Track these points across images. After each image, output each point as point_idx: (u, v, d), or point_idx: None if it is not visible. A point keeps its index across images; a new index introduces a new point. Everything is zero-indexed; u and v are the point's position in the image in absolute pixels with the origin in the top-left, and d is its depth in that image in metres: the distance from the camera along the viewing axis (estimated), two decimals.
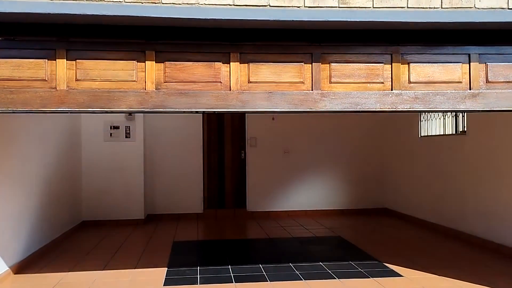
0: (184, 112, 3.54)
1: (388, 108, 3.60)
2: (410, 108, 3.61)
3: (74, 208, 7.39)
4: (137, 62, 3.43)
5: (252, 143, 8.68)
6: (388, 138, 8.81)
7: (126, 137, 7.93)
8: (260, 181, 8.68)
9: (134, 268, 5.05)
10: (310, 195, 8.77)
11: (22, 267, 5.13)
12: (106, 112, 3.46)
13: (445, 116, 6.95)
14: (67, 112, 3.47)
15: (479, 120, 6.02)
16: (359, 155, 8.90)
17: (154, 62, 3.45)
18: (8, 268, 4.85)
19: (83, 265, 5.28)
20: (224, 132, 8.68)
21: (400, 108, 3.61)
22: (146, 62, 3.44)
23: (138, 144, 7.96)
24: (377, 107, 3.58)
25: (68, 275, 4.89)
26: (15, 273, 4.95)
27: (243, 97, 3.50)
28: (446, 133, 6.92)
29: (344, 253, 5.62)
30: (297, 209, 8.74)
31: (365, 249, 5.78)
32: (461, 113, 6.54)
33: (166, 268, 5.02)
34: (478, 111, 3.72)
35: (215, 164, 8.66)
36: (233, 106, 3.50)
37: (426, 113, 7.43)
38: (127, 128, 7.93)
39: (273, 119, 8.02)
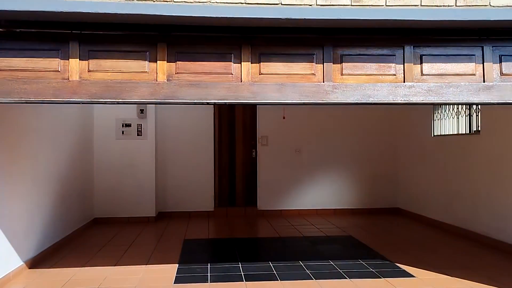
0: (195, 103, 3.55)
1: (401, 100, 3.57)
2: (423, 100, 3.58)
3: (86, 206, 7.45)
4: (149, 54, 3.47)
5: (263, 141, 8.67)
6: (401, 137, 8.74)
7: (138, 135, 7.97)
8: (271, 179, 8.67)
9: (145, 265, 5.07)
10: (321, 194, 8.74)
11: (36, 262, 5.22)
12: (118, 103, 3.49)
13: (458, 115, 6.87)
14: (79, 103, 3.50)
15: (493, 120, 5.94)
16: (371, 154, 8.85)
17: (165, 54, 3.49)
18: (23, 262, 4.95)
19: (94, 261, 5.33)
20: (235, 130, 8.68)
21: (413, 100, 3.57)
22: (158, 54, 3.47)
23: (149, 142, 8.00)
24: (390, 99, 3.56)
25: (80, 271, 4.94)
26: (29, 268, 5.06)
27: (254, 88, 3.50)
28: (460, 133, 6.84)
29: (355, 252, 5.59)
30: (308, 208, 8.71)
31: (376, 248, 5.74)
32: (475, 113, 6.46)
33: (177, 266, 5.04)
34: (493, 103, 3.67)
35: (226, 163, 8.67)
36: (244, 97, 3.50)
37: (439, 107, 7.36)
38: (139, 126, 7.97)
39: (283, 118, 8.00)
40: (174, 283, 4.45)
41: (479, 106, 6.30)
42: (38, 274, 4.88)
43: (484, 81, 3.60)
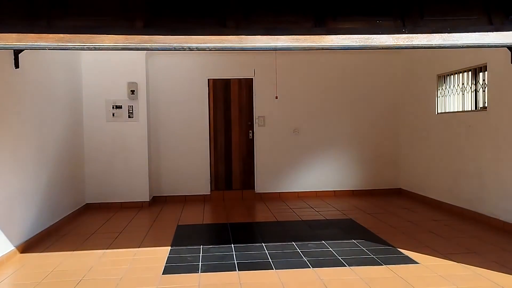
0: (174, 49, 3.20)
1: (402, 43, 3.24)
2: (427, 43, 3.24)
3: (77, 191, 7.19)
4: None
5: (260, 122, 8.35)
6: (403, 115, 8.40)
7: (129, 117, 7.65)
8: (268, 161, 8.37)
9: (134, 255, 4.81)
10: (320, 175, 8.45)
11: (28, 247, 5.14)
12: (89, 48, 3.13)
13: (464, 91, 6.52)
14: (45, 49, 3.17)
15: (501, 95, 5.60)
16: (372, 134, 8.53)
17: None
18: (14, 247, 4.88)
19: (84, 247, 5.11)
20: (231, 111, 8.35)
21: (416, 43, 3.25)
22: None
23: (141, 124, 7.69)
24: (390, 42, 3.21)
25: (67, 258, 4.73)
26: (21, 252, 5.00)
27: (240, 32, 3.13)
28: (465, 110, 6.51)
29: (355, 237, 5.32)
30: (307, 190, 8.44)
31: (378, 233, 5.47)
32: (481, 88, 6.12)
33: (167, 254, 4.78)
34: (502, 45, 3.33)
35: (222, 145, 8.37)
36: (230, 42, 3.15)
37: (444, 83, 7.01)
38: (130, 108, 7.65)
39: (276, 97, 7.69)
40: (162, 273, 4.18)
41: (486, 81, 5.95)
42: (29, 259, 4.77)
43: (491, 24, 3.25)
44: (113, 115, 7.62)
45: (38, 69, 5.69)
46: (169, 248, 5.01)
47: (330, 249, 4.83)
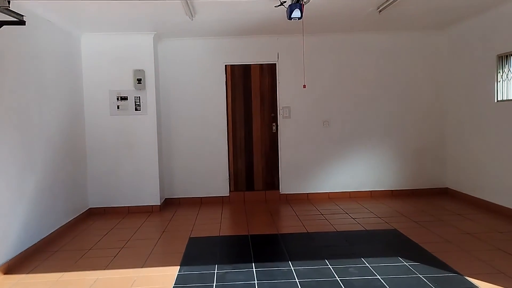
0: None
1: None
2: None
3: (78, 195, 6.33)
4: None
5: (285, 113, 7.32)
6: (451, 103, 7.25)
7: (136, 109, 6.73)
8: (295, 158, 7.36)
9: (133, 282, 3.90)
10: (354, 174, 7.40)
11: (11, 268, 4.34)
12: None
13: None
14: None
15: None
16: (414, 125, 7.41)
17: None
18: None
19: (76, 267, 4.24)
20: (252, 101, 7.36)
21: None
22: None
23: (150, 117, 6.76)
24: None
25: (58, 280, 3.84)
26: (4, 274, 4.20)
27: None
28: None
29: (406, 257, 4.27)
30: (339, 190, 7.40)
31: (433, 251, 4.42)
32: None
33: (175, 277, 3.86)
34: None
35: (242, 140, 7.39)
36: None
37: (507, 63, 5.85)
38: (137, 99, 6.72)
39: (304, 86, 6.62)
40: None
41: None
42: (9, 284, 3.92)
43: None
44: (118, 107, 6.71)
45: (22, 51, 4.79)
46: (177, 271, 4.07)
47: (378, 276, 3.81)
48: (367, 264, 4.10)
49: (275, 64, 7.31)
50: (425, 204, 6.69)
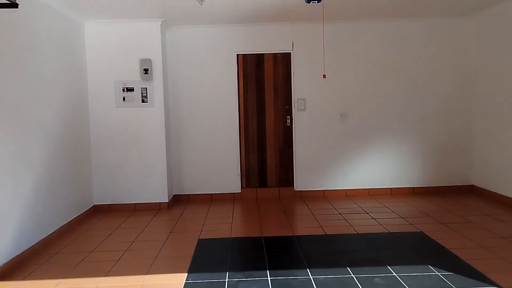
0: None
1: None
2: None
3: (82, 191, 6.00)
4: None
5: (300, 105, 6.91)
6: (482, 94, 6.77)
7: (142, 101, 6.37)
8: (310, 153, 6.95)
9: (143, 279, 3.56)
10: (373, 170, 6.97)
11: (4, 273, 3.98)
12: None
13: None
14: None
15: None
16: (439, 118, 6.95)
17: None
18: None
19: (74, 274, 3.88)
20: (265, 93, 6.95)
21: None
22: None
23: (158, 109, 6.39)
24: None
25: (59, 284, 3.51)
26: None
27: None
28: None
29: (436, 265, 3.87)
30: (358, 187, 6.99)
31: (466, 258, 4.00)
32: None
33: (183, 282, 3.51)
34: None
35: (254, 133, 6.99)
36: None
37: None
38: (144, 90, 6.35)
39: (324, 76, 6.18)
40: None
41: None
42: None
43: None
44: (124, 99, 6.35)
45: (19, 39, 4.43)
46: (184, 279, 3.71)
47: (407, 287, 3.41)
48: (394, 273, 3.70)
49: (290, 53, 6.88)
50: (450, 203, 6.25)
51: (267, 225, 5.38)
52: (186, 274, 3.84)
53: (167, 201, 6.45)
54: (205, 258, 4.24)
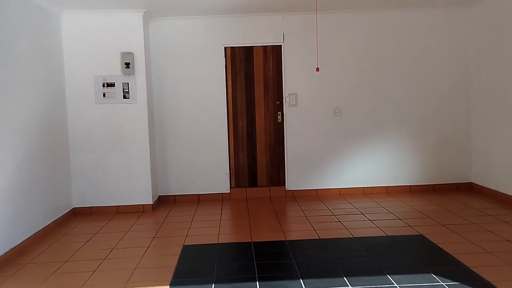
0: None
1: None
2: None
3: (60, 194, 5.63)
4: None
5: (291, 101, 6.57)
6: (482, 89, 6.47)
7: (124, 97, 5.99)
8: (303, 150, 6.62)
9: None
10: (369, 167, 6.66)
11: None
12: None
13: None
14: None
15: None
16: (437, 113, 6.65)
17: None
18: None
19: (50, 285, 3.52)
20: (255, 87, 6.60)
21: None
22: None
23: (140, 106, 6.02)
24: None
25: None
26: None
27: None
28: None
29: (441, 274, 3.56)
30: (352, 186, 6.68)
31: (473, 265, 3.69)
32: None
33: None
34: None
35: (243, 130, 6.65)
36: None
37: None
38: (125, 86, 5.97)
39: (317, 69, 5.84)
40: None
41: None
42: None
43: None
44: (104, 95, 5.97)
45: None
46: (169, 283, 3.38)
47: None
48: (395, 284, 3.38)
49: (281, 46, 6.53)
50: (449, 202, 5.96)
51: (257, 228, 5.04)
52: (168, 287, 3.49)
53: (152, 203, 6.09)
54: (189, 268, 3.89)
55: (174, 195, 6.58)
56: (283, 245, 4.43)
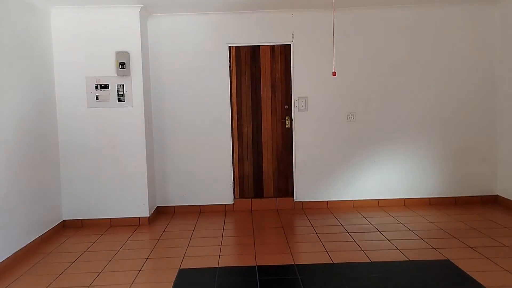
0: None
1: None
2: None
3: (49, 206, 5.17)
4: None
5: (301, 105, 6.06)
6: (505, 93, 5.93)
7: (119, 100, 5.52)
8: (313, 158, 6.11)
9: None
10: (384, 178, 6.13)
11: None
12: None
13: None
14: None
15: None
16: (459, 119, 6.11)
17: None
18: None
19: None
20: (261, 90, 6.10)
21: None
22: None
23: (137, 110, 5.54)
24: None
25: None
26: None
27: None
28: None
29: None
30: (366, 198, 6.16)
31: None
32: None
33: None
34: None
35: (249, 137, 6.14)
36: None
37: None
38: (120, 88, 5.50)
39: (334, 74, 5.27)
40: None
41: None
42: None
43: None
44: (97, 97, 5.50)
45: None
46: None
47: None
48: None
49: (290, 45, 6.02)
50: (474, 218, 5.42)
51: (263, 248, 4.53)
52: None
53: (148, 216, 5.61)
54: None
55: (174, 206, 6.10)
56: (292, 271, 3.91)
